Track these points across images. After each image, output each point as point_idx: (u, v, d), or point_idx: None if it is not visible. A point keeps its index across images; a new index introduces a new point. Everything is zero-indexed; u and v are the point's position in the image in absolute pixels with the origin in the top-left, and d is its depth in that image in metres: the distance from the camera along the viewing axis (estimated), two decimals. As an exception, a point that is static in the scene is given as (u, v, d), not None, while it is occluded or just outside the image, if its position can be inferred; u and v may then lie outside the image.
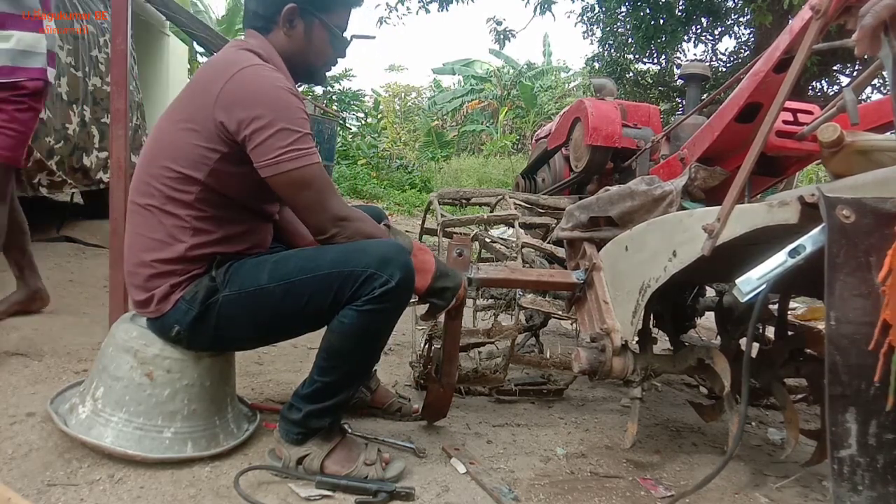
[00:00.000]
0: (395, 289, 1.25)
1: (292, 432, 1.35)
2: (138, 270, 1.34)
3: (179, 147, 1.29)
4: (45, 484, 1.21)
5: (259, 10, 1.38)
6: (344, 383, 1.34)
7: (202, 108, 1.26)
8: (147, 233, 1.32)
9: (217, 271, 1.33)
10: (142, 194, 1.33)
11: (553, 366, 1.91)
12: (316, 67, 1.46)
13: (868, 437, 0.81)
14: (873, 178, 1.10)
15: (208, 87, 1.27)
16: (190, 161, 1.28)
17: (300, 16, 1.37)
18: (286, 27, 1.37)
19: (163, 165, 1.30)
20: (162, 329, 1.36)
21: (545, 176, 2.85)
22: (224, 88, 1.24)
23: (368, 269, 1.25)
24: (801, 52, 1.00)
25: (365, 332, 1.29)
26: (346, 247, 1.30)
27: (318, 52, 1.43)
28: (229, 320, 1.32)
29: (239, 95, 1.24)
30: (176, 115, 1.33)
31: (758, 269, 0.90)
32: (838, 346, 0.83)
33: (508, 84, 16.64)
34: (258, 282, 1.30)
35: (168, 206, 1.30)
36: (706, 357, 1.47)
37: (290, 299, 1.29)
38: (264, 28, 1.38)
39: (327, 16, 1.40)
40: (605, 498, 1.43)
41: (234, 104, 1.23)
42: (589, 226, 1.73)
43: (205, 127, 1.26)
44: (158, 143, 1.34)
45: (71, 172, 3.26)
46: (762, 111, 1.57)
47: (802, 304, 3.55)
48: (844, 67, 7.54)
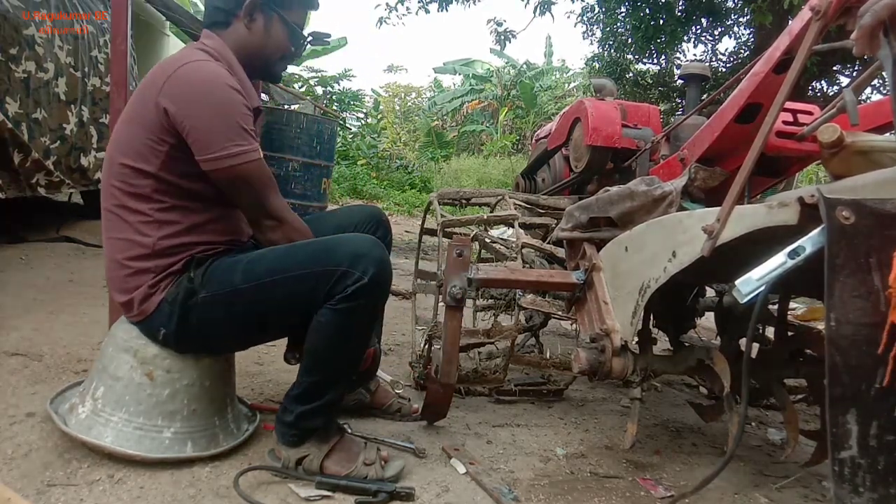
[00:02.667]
0: (367, 285, 1.26)
1: (288, 434, 1.36)
2: (115, 273, 1.35)
3: (130, 143, 1.31)
4: (44, 484, 1.21)
5: (220, 4, 1.42)
6: (330, 382, 1.35)
7: (148, 100, 1.29)
8: (116, 234, 1.33)
9: (195, 272, 1.33)
10: (107, 198, 1.35)
11: (553, 366, 1.91)
12: (273, 62, 1.49)
13: (869, 439, 0.81)
14: (873, 179, 1.10)
15: (154, 81, 1.30)
16: (141, 155, 1.29)
17: (261, 9, 1.42)
18: (247, 19, 1.42)
19: (119, 164, 1.32)
20: (149, 332, 1.36)
21: (545, 176, 2.85)
22: (167, 81, 1.27)
23: (340, 266, 1.26)
24: (801, 52, 1.00)
25: (342, 330, 1.29)
26: (319, 244, 1.32)
27: (276, 46, 1.47)
28: (210, 322, 1.32)
29: (182, 88, 1.27)
30: (126, 114, 1.35)
31: (757, 270, 0.90)
32: (839, 347, 0.83)
33: (508, 84, 16.63)
34: (232, 283, 1.30)
35: (129, 202, 1.31)
36: (706, 357, 1.47)
37: (267, 300, 1.30)
38: (224, 22, 1.42)
39: (286, 12, 1.45)
40: (605, 498, 1.43)
41: (177, 96, 1.26)
42: (589, 226, 1.73)
43: (150, 119, 1.28)
44: (114, 144, 1.36)
45: (69, 172, 3.26)
46: (762, 112, 1.57)
47: (802, 305, 3.55)
48: (844, 68, 7.54)
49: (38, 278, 2.70)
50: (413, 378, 2.06)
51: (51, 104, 3.04)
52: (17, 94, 2.76)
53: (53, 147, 3.07)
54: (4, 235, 3.22)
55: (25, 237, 3.34)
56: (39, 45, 2.91)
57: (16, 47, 2.74)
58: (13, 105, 2.73)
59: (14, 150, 2.76)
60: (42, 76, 2.95)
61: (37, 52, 2.89)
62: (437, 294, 2.05)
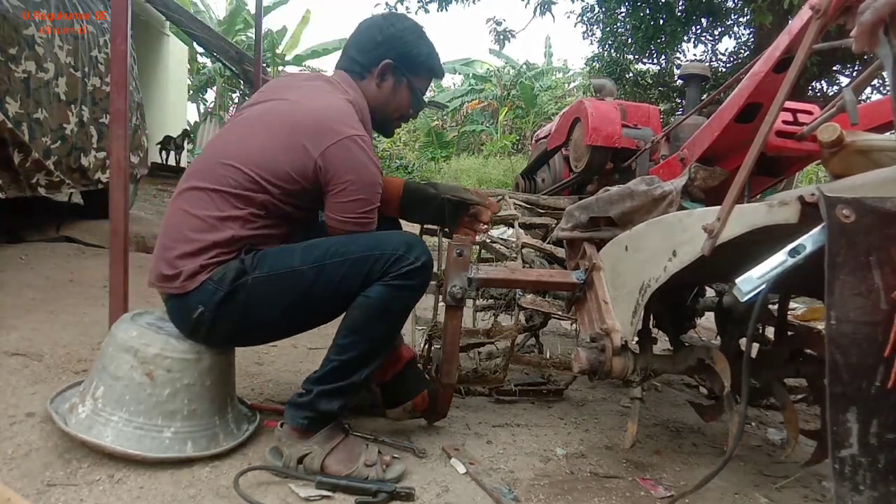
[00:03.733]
0: (420, 268, 1.37)
1: (299, 416, 1.36)
2: (176, 245, 1.37)
3: (269, 158, 1.38)
4: (44, 484, 1.21)
5: (359, 57, 1.55)
6: (359, 362, 1.38)
7: (302, 147, 1.36)
8: (198, 210, 1.37)
9: (246, 256, 1.38)
10: (208, 180, 1.39)
11: (553, 366, 1.90)
12: (391, 120, 1.63)
13: (869, 437, 0.81)
14: (873, 179, 1.10)
15: (318, 131, 1.37)
16: (274, 174, 1.37)
17: (392, 72, 1.55)
18: (378, 79, 1.55)
19: (244, 164, 1.37)
20: (184, 309, 1.36)
21: (545, 176, 2.85)
22: (330, 149, 1.36)
23: (397, 251, 1.36)
24: (801, 51, 0.99)
25: (388, 307, 1.37)
26: (373, 235, 1.43)
27: (398, 107, 1.61)
28: (259, 301, 1.36)
29: (341, 159, 1.37)
30: (271, 126, 1.40)
31: (758, 269, 0.90)
32: (839, 346, 0.83)
33: (508, 84, 16.63)
34: (290, 264, 1.36)
35: (233, 198, 1.37)
36: (706, 357, 1.47)
37: (324, 280, 1.36)
38: (359, 74, 1.55)
39: (414, 78, 1.59)
40: (605, 498, 1.43)
41: (336, 164, 1.36)
42: (589, 226, 1.73)
43: (301, 162, 1.36)
44: (245, 143, 1.40)
45: (69, 172, 3.26)
46: (762, 111, 1.57)
47: (802, 305, 3.55)
48: (844, 68, 7.54)
49: (38, 278, 2.70)
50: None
51: (51, 104, 3.04)
52: (18, 94, 2.76)
53: (54, 147, 3.07)
54: (4, 235, 3.22)
55: (25, 237, 3.34)
56: (39, 45, 2.91)
57: (16, 47, 2.74)
58: (13, 105, 2.73)
59: (14, 150, 2.76)
60: (42, 76, 2.95)
61: (37, 52, 2.89)
62: (437, 294, 2.05)
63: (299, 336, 1.60)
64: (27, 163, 2.85)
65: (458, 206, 1.65)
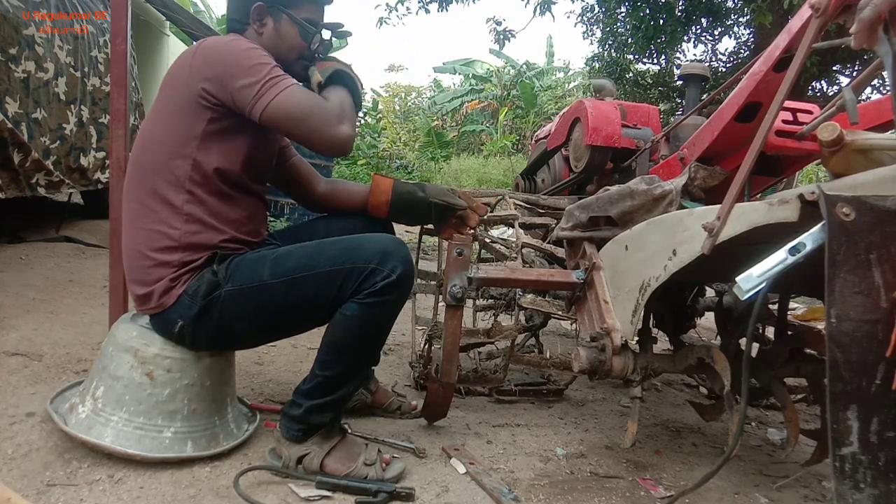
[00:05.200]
0: (396, 282, 1.29)
1: (293, 429, 1.36)
2: (137, 264, 1.36)
3: (165, 133, 1.33)
4: (44, 484, 1.21)
5: (234, 15, 1.47)
6: (345, 377, 1.35)
7: (178, 86, 1.32)
8: (142, 224, 1.35)
9: (218, 266, 1.34)
10: (134, 189, 1.37)
11: (553, 366, 1.90)
12: (289, 63, 1.47)
13: (870, 435, 0.81)
14: (873, 177, 1.10)
15: (181, 69, 1.34)
16: (177, 142, 1.33)
17: (268, 12, 1.44)
18: (258, 25, 1.45)
19: (151, 156, 1.34)
20: (165, 325, 1.36)
21: (545, 176, 2.85)
22: (193, 62, 1.32)
23: (370, 264, 1.28)
24: (801, 51, 0.99)
25: (367, 325, 1.31)
26: (346, 243, 1.34)
27: (289, 46, 1.47)
28: (234, 315, 1.33)
29: (210, 59, 1.31)
30: (156, 109, 1.38)
31: (758, 267, 0.90)
32: (839, 344, 0.83)
33: (508, 84, 16.62)
34: (260, 277, 1.32)
35: (159, 193, 1.33)
36: (706, 356, 1.47)
37: (295, 295, 1.31)
38: (240, 29, 1.47)
39: (295, 10, 1.45)
40: (605, 498, 1.43)
41: (208, 67, 1.30)
42: (589, 225, 1.73)
43: (187, 103, 1.31)
44: (147, 138, 1.38)
45: (68, 172, 3.26)
46: (762, 111, 1.57)
47: (802, 305, 3.55)
48: (844, 67, 7.54)
49: (38, 278, 2.69)
50: (413, 378, 2.06)
51: (50, 104, 3.04)
52: (17, 94, 2.76)
53: (53, 147, 3.07)
54: (4, 235, 3.22)
55: (25, 237, 3.34)
56: (39, 45, 2.91)
57: (16, 47, 2.74)
58: (13, 105, 2.73)
59: (14, 149, 2.75)
60: (42, 76, 2.95)
61: (37, 52, 2.89)
62: (437, 294, 2.05)
63: (299, 336, 1.60)
64: (27, 163, 2.85)
65: (445, 210, 1.63)
